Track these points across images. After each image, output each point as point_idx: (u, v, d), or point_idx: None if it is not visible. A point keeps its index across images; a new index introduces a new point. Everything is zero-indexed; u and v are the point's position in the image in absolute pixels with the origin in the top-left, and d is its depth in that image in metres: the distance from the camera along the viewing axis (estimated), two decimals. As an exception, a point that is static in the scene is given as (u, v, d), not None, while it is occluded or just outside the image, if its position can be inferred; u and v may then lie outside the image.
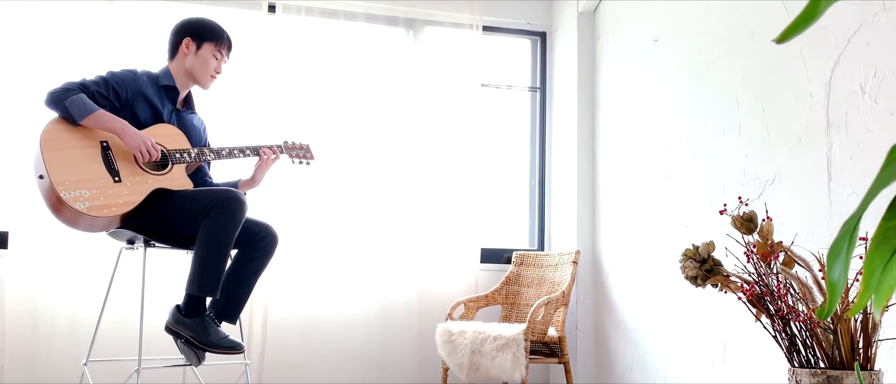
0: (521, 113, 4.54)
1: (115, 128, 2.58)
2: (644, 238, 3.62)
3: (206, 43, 2.85)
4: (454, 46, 4.25)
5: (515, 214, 4.52)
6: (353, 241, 3.99)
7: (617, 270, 3.86)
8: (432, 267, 4.12)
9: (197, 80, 2.86)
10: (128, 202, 2.52)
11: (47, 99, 2.58)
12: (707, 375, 3.09)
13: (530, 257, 4.17)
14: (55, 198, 2.44)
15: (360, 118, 4.07)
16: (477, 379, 3.58)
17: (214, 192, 2.55)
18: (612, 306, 3.90)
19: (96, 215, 2.44)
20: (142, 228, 2.60)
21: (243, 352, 2.56)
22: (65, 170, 2.46)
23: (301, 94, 3.96)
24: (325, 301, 3.92)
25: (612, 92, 3.97)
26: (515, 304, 4.11)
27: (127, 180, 2.56)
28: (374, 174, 4.05)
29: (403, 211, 4.07)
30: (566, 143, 4.25)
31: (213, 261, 2.49)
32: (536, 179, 4.48)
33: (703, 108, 3.19)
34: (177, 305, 2.58)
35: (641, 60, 3.70)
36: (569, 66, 4.27)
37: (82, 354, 3.58)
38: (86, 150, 2.54)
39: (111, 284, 2.90)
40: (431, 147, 4.15)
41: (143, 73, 2.79)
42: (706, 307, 3.13)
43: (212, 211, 2.50)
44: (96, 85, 2.64)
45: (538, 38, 4.54)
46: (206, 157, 2.78)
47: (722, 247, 2.87)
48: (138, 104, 2.72)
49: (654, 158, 3.55)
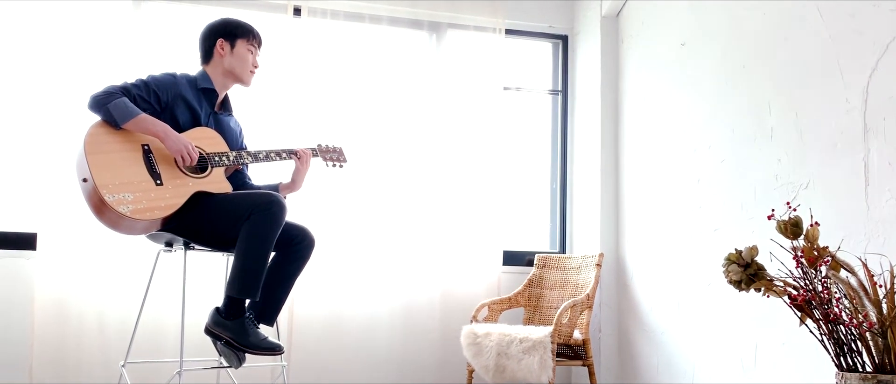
0: (542, 116, 4.55)
1: (156, 131, 2.59)
2: (670, 241, 3.63)
3: (238, 40, 2.87)
4: (477, 49, 4.27)
5: (536, 217, 4.53)
6: (378, 242, 4.00)
7: (642, 273, 3.88)
8: (455, 268, 4.13)
9: (238, 77, 2.88)
10: (169, 205, 2.53)
11: (90, 102, 2.59)
12: (737, 378, 3.11)
13: (552, 260, 4.18)
14: (99, 201, 2.45)
15: (384, 121, 4.08)
16: (503, 380, 3.59)
17: (255, 195, 2.56)
18: (637, 309, 3.91)
19: (139, 218, 2.46)
20: (182, 231, 2.62)
21: (283, 353, 2.57)
22: (108, 173, 2.47)
23: (326, 96, 3.98)
24: (350, 301, 3.94)
25: (637, 95, 3.99)
26: (538, 307, 4.12)
27: (168, 183, 2.57)
28: (398, 176, 4.07)
29: (427, 212, 4.09)
30: (589, 147, 4.27)
31: (253, 264, 2.51)
32: (558, 182, 4.49)
33: (733, 112, 3.21)
34: (216, 307, 2.59)
35: (667, 64, 3.72)
36: (591, 70, 4.28)
37: (113, 356, 3.60)
38: (128, 154, 2.56)
39: (149, 286, 2.91)
40: (454, 149, 4.17)
41: (183, 76, 2.81)
42: (736, 309, 3.14)
43: (253, 214, 2.52)
44: (137, 88, 2.65)
45: (560, 41, 4.56)
46: (244, 161, 2.79)
47: (764, 251, 2.88)
48: (178, 107, 2.73)
49: (681, 162, 3.56)
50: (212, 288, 3.65)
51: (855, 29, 2.59)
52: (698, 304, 3.40)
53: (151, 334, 3.65)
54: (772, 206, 2.95)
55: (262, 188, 3.02)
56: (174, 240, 2.72)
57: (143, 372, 3.45)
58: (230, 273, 2.55)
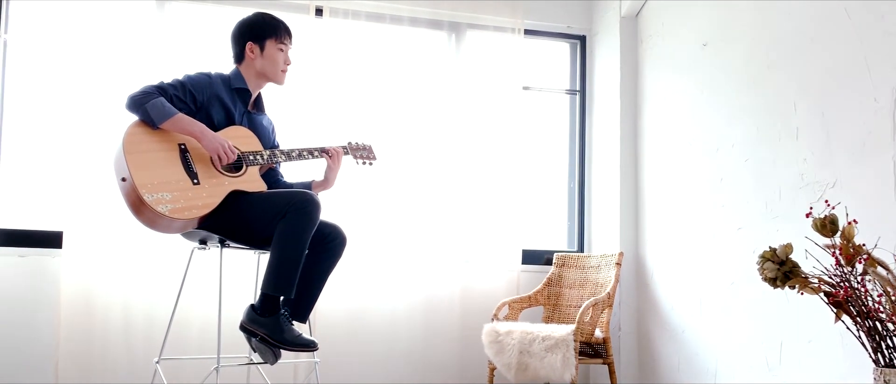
0: (559, 115, 4.58)
1: (193, 131, 2.61)
2: (692, 240, 3.66)
3: (267, 40, 2.88)
4: (496, 50, 4.29)
5: (553, 216, 4.56)
6: (398, 240, 4.03)
7: (662, 272, 3.90)
8: (475, 266, 4.16)
9: (271, 78, 2.91)
10: (206, 204, 2.56)
11: (128, 102, 2.62)
12: (762, 376, 3.13)
13: (571, 258, 4.21)
14: (137, 200, 2.47)
15: (405, 120, 4.11)
16: (525, 379, 3.61)
17: (290, 193, 2.59)
18: (657, 307, 3.94)
19: (177, 217, 2.48)
20: (217, 229, 2.64)
21: (317, 350, 2.60)
22: (146, 172, 2.50)
23: (347, 96, 4.00)
24: (371, 297, 3.96)
25: (656, 95, 4.02)
26: (557, 305, 4.15)
27: (205, 182, 2.60)
28: (419, 175, 4.10)
29: (447, 211, 4.12)
30: (608, 146, 4.29)
31: (289, 261, 2.53)
32: (576, 181, 4.52)
33: (757, 112, 3.23)
34: (252, 305, 2.62)
35: (688, 64, 3.74)
36: (610, 70, 4.31)
37: (139, 354, 3.62)
38: (165, 153, 2.58)
39: (183, 284, 2.93)
40: (474, 148, 4.20)
41: (217, 76, 2.83)
42: (760, 308, 3.17)
43: (288, 212, 2.54)
44: (174, 88, 2.67)
45: (578, 41, 4.59)
46: (278, 159, 2.82)
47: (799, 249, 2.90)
48: (213, 107, 2.76)
49: (703, 162, 3.59)
50: (241, 285, 3.67)
51: (884, 29, 2.62)
52: (721, 303, 3.42)
53: (177, 331, 3.67)
54: (797, 205, 2.97)
55: (295, 186, 3.05)
56: (209, 238, 2.75)
57: (172, 368, 3.48)
58: (266, 270, 2.57)
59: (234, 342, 3.54)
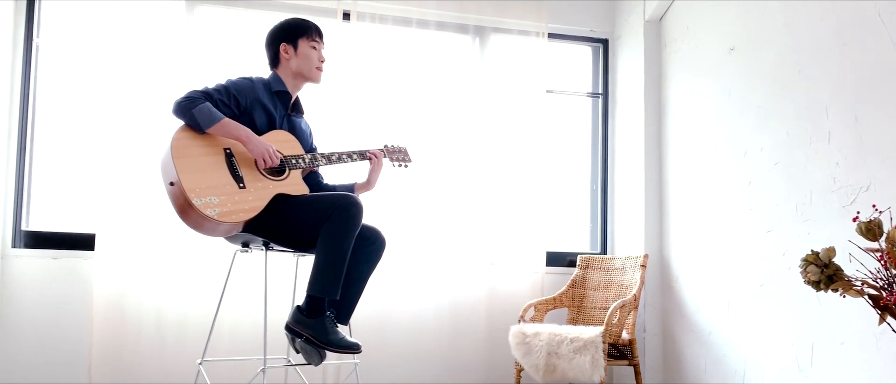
0: (581, 118, 4.61)
1: (239, 135, 2.65)
2: (719, 242, 3.69)
3: (300, 40, 2.93)
4: (521, 53, 4.33)
5: (575, 218, 4.59)
6: (424, 241, 4.07)
7: (687, 274, 3.93)
8: (500, 269, 4.20)
9: (307, 77, 2.95)
10: (252, 208, 2.59)
11: (174, 108, 2.65)
12: (792, 377, 3.16)
13: (595, 261, 4.24)
14: (185, 204, 2.51)
15: (430, 123, 4.14)
16: (553, 380, 3.64)
17: (334, 196, 2.62)
18: (683, 309, 3.97)
19: (224, 221, 2.51)
20: (262, 232, 2.68)
21: (360, 352, 2.63)
22: (194, 177, 2.53)
23: (373, 99, 4.04)
24: (398, 299, 4.00)
25: (681, 99, 4.05)
26: (582, 307, 4.18)
27: (250, 186, 2.63)
28: (444, 177, 4.13)
29: (472, 213, 4.15)
30: (632, 149, 4.32)
31: (334, 263, 2.57)
32: (598, 184, 4.55)
33: (787, 116, 3.26)
34: (298, 306, 2.65)
35: (714, 68, 3.78)
36: (634, 73, 4.34)
37: (171, 355, 3.65)
38: (212, 158, 2.62)
39: (226, 286, 2.97)
40: (499, 151, 4.23)
41: (259, 80, 2.87)
42: (791, 309, 3.20)
43: (333, 215, 2.58)
44: (219, 93, 2.71)
45: (600, 45, 4.62)
46: (318, 163, 2.85)
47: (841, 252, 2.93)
48: (255, 111, 2.79)
49: (731, 165, 3.62)
50: (276, 287, 3.70)
51: (919, 35, 2.65)
52: (750, 305, 3.46)
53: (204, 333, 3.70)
54: (830, 208, 3.00)
55: (337, 188, 3.09)
56: (251, 241, 2.78)
57: (211, 370, 3.51)
58: (311, 272, 2.61)
59: (270, 343, 3.58)
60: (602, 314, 4.09)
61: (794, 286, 3.18)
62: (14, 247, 3.66)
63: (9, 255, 3.61)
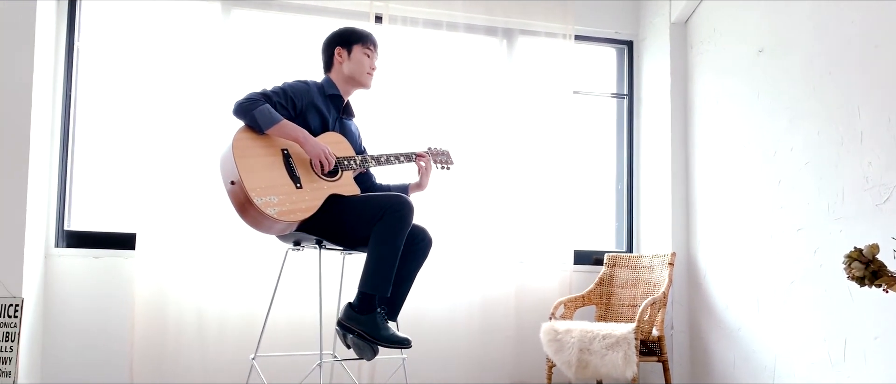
0: (606, 118, 4.69)
1: (297, 136, 2.73)
2: (748, 240, 3.77)
3: (354, 45, 3.03)
4: (548, 55, 4.40)
5: (601, 217, 4.67)
6: (455, 241, 4.14)
7: (715, 272, 4.01)
8: (529, 267, 4.27)
9: (358, 81, 3.04)
10: (309, 207, 2.67)
11: (235, 109, 2.73)
12: (824, 372, 3.24)
13: (622, 259, 4.32)
14: (246, 203, 2.59)
15: (460, 124, 4.22)
16: (585, 377, 3.72)
17: (386, 197, 2.70)
18: (711, 306, 4.05)
19: (283, 219, 2.59)
20: (315, 230, 2.75)
21: (410, 347, 2.71)
22: (255, 176, 2.61)
23: (404, 100, 4.11)
24: (431, 297, 4.07)
25: (708, 99, 4.13)
26: (610, 305, 4.26)
27: (307, 187, 2.71)
28: (474, 177, 4.20)
29: (501, 212, 4.23)
30: (658, 149, 4.40)
31: (386, 261, 2.65)
32: (624, 183, 4.63)
33: (818, 117, 3.34)
34: (349, 303, 2.73)
35: (742, 70, 3.85)
36: (659, 74, 4.42)
37: (213, 353, 3.73)
38: (271, 158, 2.70)
39: (277, 284, 3.05)
40: (527, 151, 4.31)
41: (313, 84, 2.96)
42: (823, 306, 3.27)
43: (385, 215, 2.65)
44: (277, 95, 2.79)
45: (625, 46, 4.70)
46: (369, 165, 2.93)
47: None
48: (310, 113, 2.88)
49: (760, 165, 3.70)
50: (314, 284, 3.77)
51: (953, 38, 2.72)
52: (780, 301, 3.53)
53: (249, 330, 3.78)
54: (863, 207, 3.08)
55: (392, 188, 3.18)
56: (303, 240, 2.86)
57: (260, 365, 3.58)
58: (363, 270, 2.68)
59: (316, 340, 3.66)
60: (630, 311, 4.17)
61: (826, 283, 3.26)
62: (57, 247, 3.73)
63: (52, 255, 3.69)
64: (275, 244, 3.75)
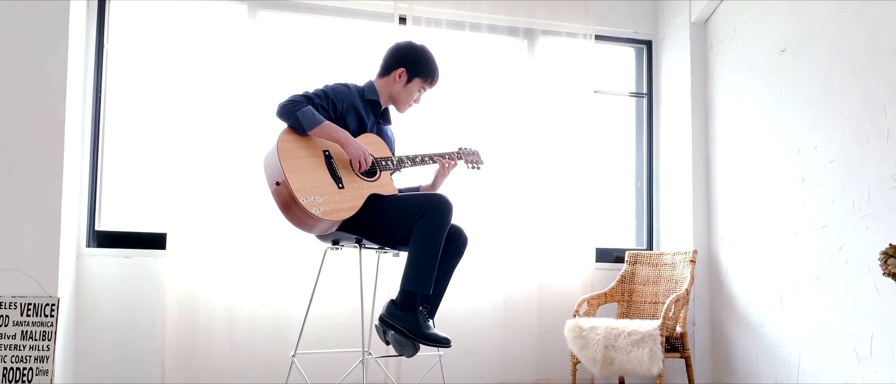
0: (625, 117, 4.74)
1: (339, 138, 2.78)
2: (770, 238, 3.82)
3: (416, 78, 3.07)
4: (568, 54, 4.45)
5: (621, 215, 4.71)
6: (479, 239, 4.18)
7: (737, 269, 4.06)
8: (551, 265, 4.31)
9: (397, 106, 3.10)
10: (351, 207, 2.72)
11: (279, 110, 2.77)
12: (851, 368, 3.29)
13: (644, 256, 4.37)
14: (292, 202, 2.63)
15: (482, 123, 4.26)
16: (610, 373, 3.77)
17: (426, 196, 2.75)
18: (733, 303, 4.10)
19: (327, 219, 2.64)
20: (356, 230, 2.80)
21: (450, 347, 2.75)
22: (300, 177, 2.66)
23: (428, 100, 4.15)
24: (456, 296, 4.11)
25: (729, 98, 4.17)
26: (632, 302, 4.31)
27: (348, 187, 2.76)
28: (497, 177, 4.25)
29: (524, 211, 4.27)
30: (678, 147, 4.45)
31: (427, 260, 2.69)
32: (644, 181, 4.68)
33: (843, 115, 3.39)
34: (392, 300, 2.77)
35: (765, 70, 3.90)
36: (679, 73, 4.47)
37: (243, 352, 3.76)
38: (313, 159, 2.74)
39: (317, 284, 3.09)
40: (549, 150, 4.35)
41: (354, 87, 3.00)
42: (848, 301, 3.32)
43: (425, 214, 2.70)
44: (318, 97, 2.84)
45: (644, 46, 4.74)
46: (405, 166, 2.98)
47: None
48: (349, 116, 2.92)
49: (783, 163, 3.75)
50: (348, 283, 3.81)
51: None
52: (804, 298, 3.58)
53: (280, 328, 3.82)
54: (889, 205, 3.13)
55: (401, 191, 3.20)
56: (343, 239, 2.91)
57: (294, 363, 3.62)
58: (405, 268, 2.73)
59: (352, 337, 3.70)
60: (652, 308, 4.21)
61: (852, 279, 3.31)
62: (88, 247, 3.76)
63: (83, 255, 3.72)
64: (305, 243, 3.79)
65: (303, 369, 3.64)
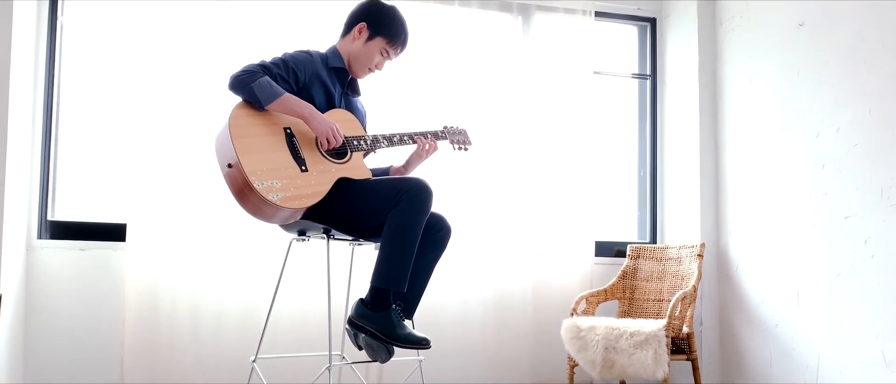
0: (627, 101, 4.42)
1: (302, 112, 2.44)
2: (786, 230, 3.50)
3: (379, 36, 2.71)
4: (566, 32, 4.13)
5: (622, 205, 4.39)
6: (467, 232, 3.85)
7: (749, 263, 3.74)
8: (547, 260, 4.00)
9: (353, 68, 2.74)
10: (315, 193, 2.39)
11: (231, 82, 2.44)
12: (877, 372, 2.97)
13: (647, 250, 4.05)
14: (245, 187, 2.30)
15: (471, 106, 3.94)
16: (611, 377, 3.46)
17: (401, 181, 2.42)
18: (744, 300, 3.78)
19: (287, 206, 2.31)
20: (322, 218, 2.47)
21: (429, 348, 2.43)
22: (255, 158, 2.33)
23: (411, 79, 3.83)
24: (443, 291, 3.79)
25: (740, 79, 3.85)
26: (634, 299, 3.99)
27: (313, 169, 2.42)
28: (487, 164, 3.92)
29: (517, 201, 3.95)
30: (684, 132, 4.13)
31: (401, 253, 2.36)
32: (647, 169, 4.36)
33: (870, 94, 3.06)
34: (361, 299, 2.45)
35: (780, 46, 3.58)
36: (686, 53, 4.14)
37: (207, 353, 3.46)
38: (272, 137, 2.41)
39: (280, 279, 2.76)
40: (545, 136, 4.03)
41: (317, 54, 2.66)
42: (874, 299, 3.00)
43: (401, 201, 2.37)
44: (277, 66, 2.50)
45: (647, 24, 4.42)
46: (380, 145, 2.64)
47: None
48: (314, 87, 2.58)
49: (800, 148, 3.43)
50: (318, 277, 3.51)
51: None
52: (824, 295, 3.26)
53: (247, 326, 3.51)
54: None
55: (373, 170, 2.87)
56: (309, 229, 2.58)
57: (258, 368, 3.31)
58: (376, 262, 2.40)
59: (322, 340, 3.40)
60: (656, 306, 3.90)
61: (879, 275, 2.99)
62: (40, 239, 3.45)
63: (35, 247, 3.41)
64: (277, 233, 3.47)
65: (268, 375, 3.30)
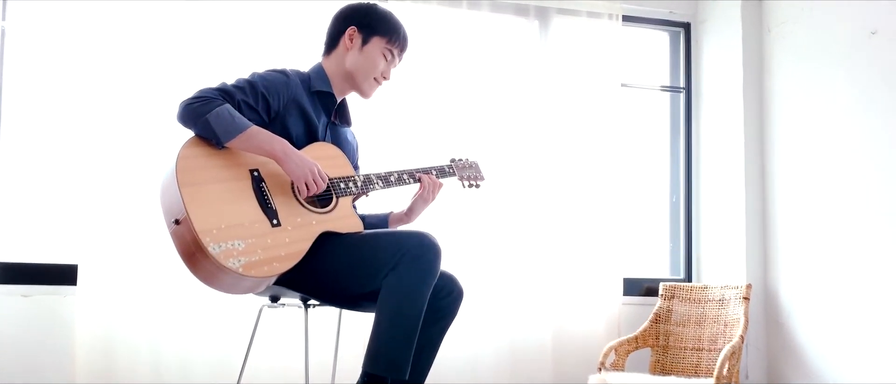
0: (658, 117, 3.91)
1: (273, 150, 1.91)
2: (852, 272, 3.01)
3: (375, 36, 2.18)
4: (589, 39, 3.65)
5: (652, 237, 3.88)
6: (477, 272, 3.34)
7: (803, 308, 3.25)
8: (569, 301, 3.49)
9: (357, 84, 2.20)
10: (290, 254, 1.85)
11: (181, 112, 1.91)
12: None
13: (683, 290, 3.53)
14: (197, 250, 1.77)
15: (482, 123, 3.45)
16: (648, 446, 2.96)
17: (402, 236, 1.89)
18: (798, 352, 3.27)
19: (251, 275, 1.78)
20: (299, 284, 1.95)
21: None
22: (211, 212, 1.79)
23: (413, 95, 3.34)
24: (449, 343, 3.26)
25: (793, 93, 3.37)
26: (669, 347, 3.47)
27: (287, 223, 1.89)
28: (499, 190, 3.41)
29: (533, 234, 3.45)
30: (726, 155, 3.63)
31: (403, 330, 1.84)
32: (681, 195, 3.84)
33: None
34: (356, 385, 1.92)
35: (845, 57, 3.10)
36: (726, 63, 3.65)
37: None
38: (234, 184, 1.87)
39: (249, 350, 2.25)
40: (565, 157, 3.55)
41: (295, 74, 2.13)
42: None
43: (400, 263, 1.84)
44: (241, 91, 1.96)
45: (681, 29, 3.92)
46: (374, 187, 2.12)
47: None
48: (291, 116, 2.05)
49: (869, 174, 2.96)
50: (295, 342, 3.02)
51: None
52: (904, 356, 2.76)
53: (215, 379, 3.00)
54: None
55: (367, 219, 2.35)
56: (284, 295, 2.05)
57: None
58: (370, 341, 1.88)
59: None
60: (694, 357, 3.38)
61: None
62: (-25, 283, 2.96)
63: (-32, 293, 2.92)
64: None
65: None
